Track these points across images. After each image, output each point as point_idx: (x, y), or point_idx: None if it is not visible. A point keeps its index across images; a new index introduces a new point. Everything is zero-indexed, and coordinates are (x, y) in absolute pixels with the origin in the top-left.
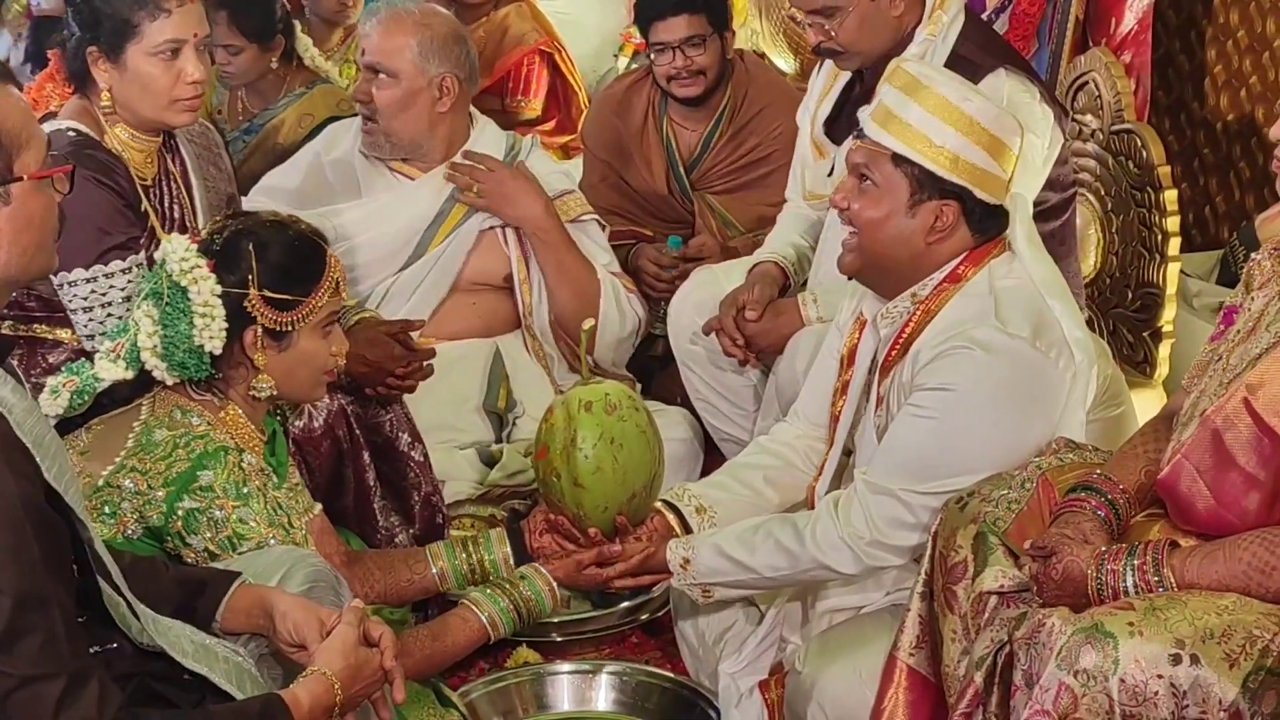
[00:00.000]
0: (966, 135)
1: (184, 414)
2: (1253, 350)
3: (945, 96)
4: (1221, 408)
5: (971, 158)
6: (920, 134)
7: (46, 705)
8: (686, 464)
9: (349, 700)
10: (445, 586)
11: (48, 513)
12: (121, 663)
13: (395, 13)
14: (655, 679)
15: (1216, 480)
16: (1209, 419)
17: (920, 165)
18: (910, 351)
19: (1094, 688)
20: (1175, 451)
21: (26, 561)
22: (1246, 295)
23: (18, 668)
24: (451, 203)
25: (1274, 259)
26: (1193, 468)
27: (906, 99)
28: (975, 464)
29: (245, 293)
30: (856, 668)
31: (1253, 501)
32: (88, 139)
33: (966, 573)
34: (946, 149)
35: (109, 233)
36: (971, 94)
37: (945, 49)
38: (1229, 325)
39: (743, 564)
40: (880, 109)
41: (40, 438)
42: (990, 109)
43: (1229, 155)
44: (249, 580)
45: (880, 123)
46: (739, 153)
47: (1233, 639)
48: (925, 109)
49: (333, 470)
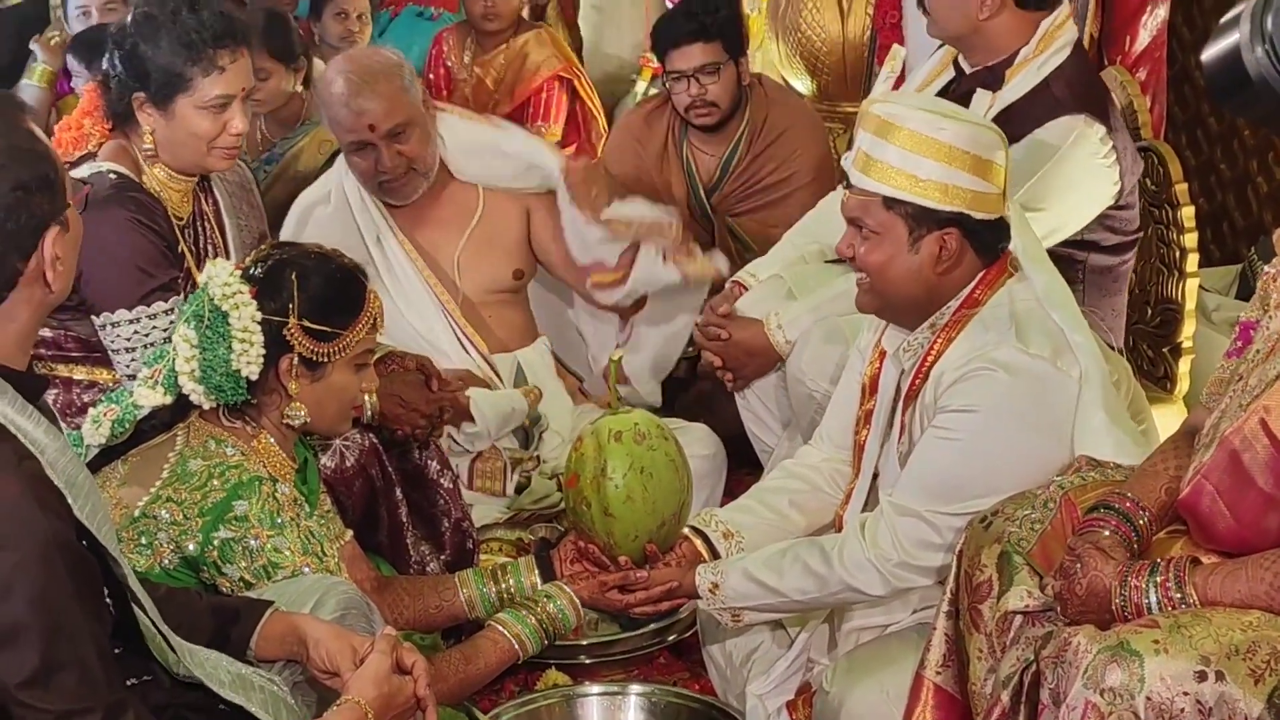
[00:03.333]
0: (949, 163)
1: (218, 444)
2: (1270, 372)
3: (918, 131)
4: (1240, 429)
5: (959, 182)
6: (903, 172)
7: None
8: (710, 479)
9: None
10: (473, 614)
11: (80, 550)
12: (158, 694)
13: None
14: (683, 699)
15: (1236, 501)
16: (1228, 440)
17: (911, 203)
18: (932, 375)
19: (1121, 706)
20: (1196, 472)
21: (59, 598)
22: (1264, 313)
23: (54, 703)
24: None
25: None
26: (1212, 488)
27: (882, 142)
28: (1000, 484)
29: (285, 321)
30: (883, 687)
31: (1272, 521)
32: (128, 181)
33: (991, 592)
34: (933, 181)
35: (151, 274)
36: (944, 121)
37: (1035, 77)
38: (1246, 342)
39: (771, 588)
40: (860, 156)
41: (73, 477)
42: (965, 130)
43: (1246, 170)
44: (282, 608)
45: (863, 170)
46: (758, 176)
47: (1258, 655)
48: (903, 147)
49: (366, 508)
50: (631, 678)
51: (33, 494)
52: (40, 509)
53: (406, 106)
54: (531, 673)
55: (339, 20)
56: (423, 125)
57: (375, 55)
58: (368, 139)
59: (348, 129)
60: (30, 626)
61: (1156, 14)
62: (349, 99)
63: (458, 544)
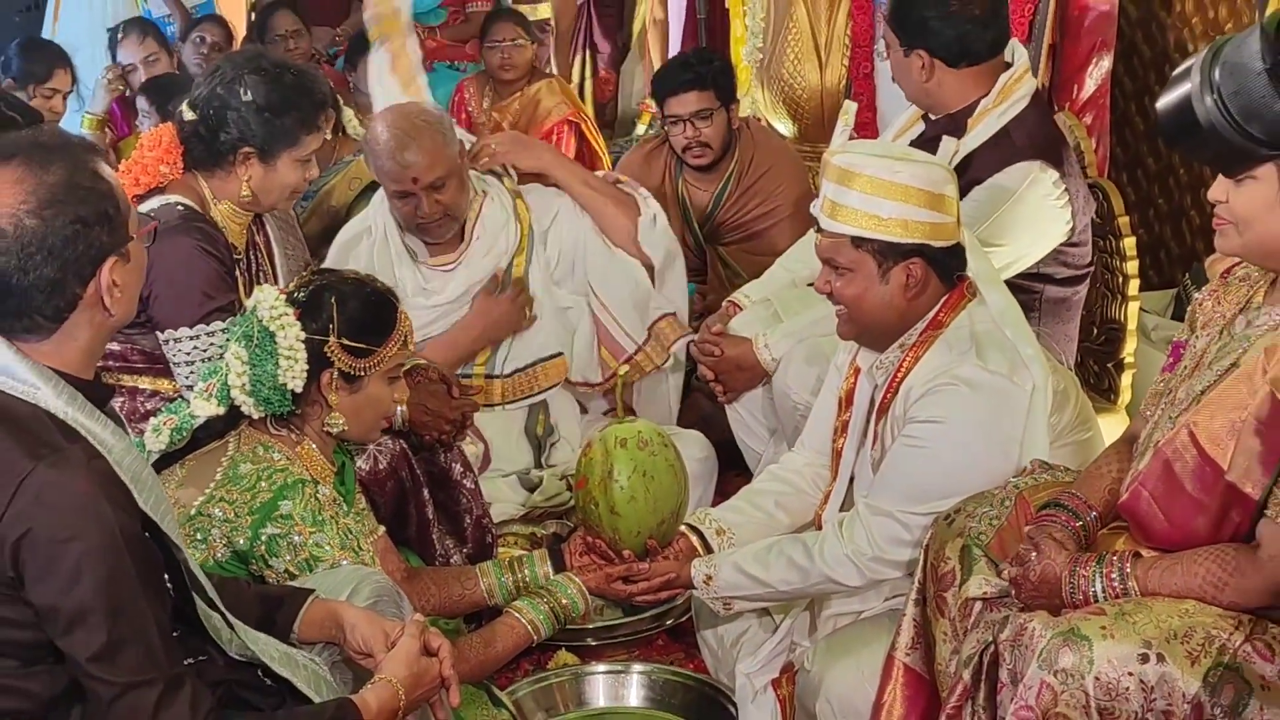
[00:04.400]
0: (905, 201)
1: (266, 449)
2: (1197, 388)
3: (875, 175)
4: (1171, 440)
5: (918, 217)
6: (866, 213)
7: (146, 708)
8: (703, 480)
9: (411, 704)
10: (492, 601)
11: (144, 540)
12: (212, 671)
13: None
14: (679, 678)
15: (1169, 505)
16: (1161, 450)
17: (877, 239)
18: (902, 390)
19: (1072, 685)
20: (1134, 479)
21: (125, 583)
22: (1191, 334)
23: (119, 676)
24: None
25: (1213, 300)
26: (1149, 494)
27: (844, 188)
28: (962, 486)
29: (325, 339)
30: (859, 666)
31: (1201, 524)
32: (194, 212)
33: (955, 581)
34: (894, 218)
35: (212, 296)
36: (897, 164)
37: (995, 124)
38: (1177, 360)
39: (759, 579)
40: (826, 203)
41: (137, 474)
42: (918, 170)
43: (1181, 205)
44: (321, 596)
45: (830, 214)
46: (746, 209)
47: (1193, 639)
48: (863, 191)
49: (397, 507)
50: (633, 658)
51: (101, 489)
52: (108, 503)
53: (446, 160)
54: (544, 653)
55: None
56: (459, 176)
57: (420, 111)
58: (410, 189)
59: (393, 179)
60: (98, 609)
61: (1101, 65)
62: (395, 153)
63: (478, 538)
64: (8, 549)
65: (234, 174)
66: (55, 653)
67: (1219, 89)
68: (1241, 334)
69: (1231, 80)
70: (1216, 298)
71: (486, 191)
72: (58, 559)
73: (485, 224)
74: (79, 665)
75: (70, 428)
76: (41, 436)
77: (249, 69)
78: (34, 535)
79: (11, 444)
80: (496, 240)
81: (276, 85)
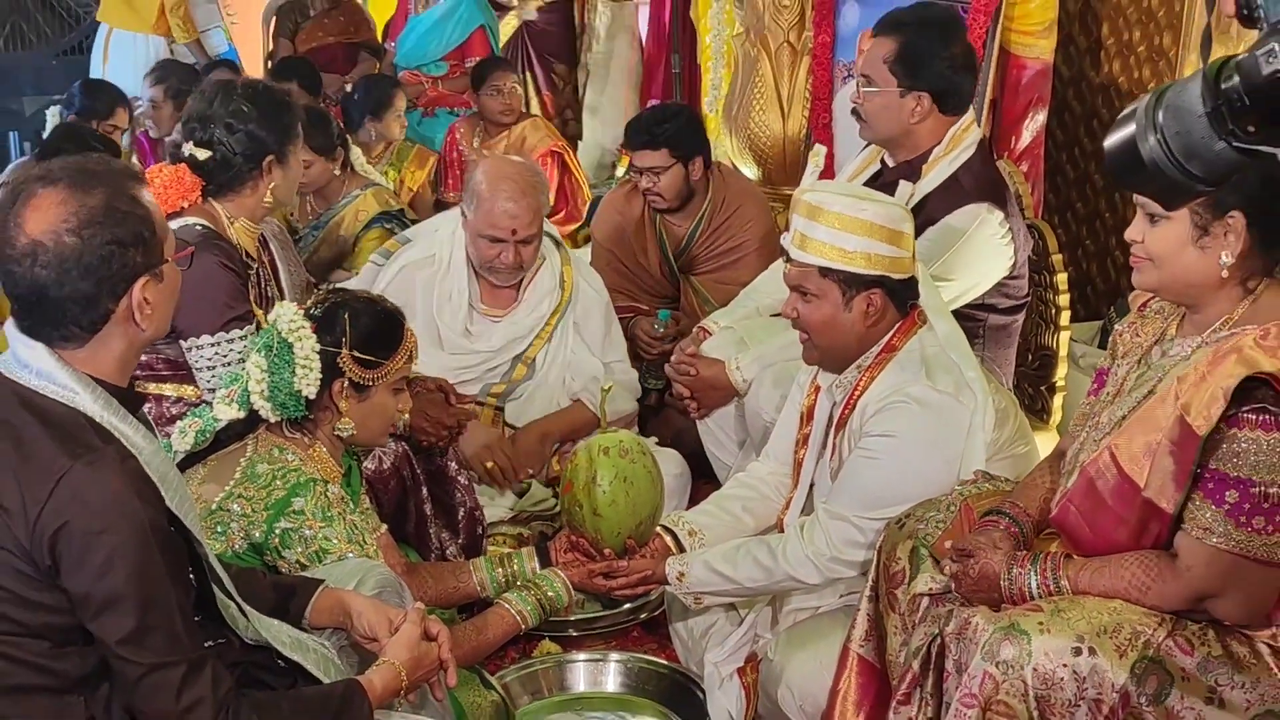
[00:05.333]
0: (869, 236)
1: (280, 451)
2: (1118, 413)
3: (842, 212)
4: (1095, 461)
5: (879, 251)
6: (833, 246)
7: (170, 687)
8: (678, 493)
9: (412, 684)
10: (484, 593)
11: (169, 534)
12: (230, 654)
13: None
14: (653, 666)
15: (1094, 520)
16: (1086, 470)
17: (842, 270)
18: (858, 406)
19: (1012, 675)
20: (1063, 495)
21: (152, 573)
22: (1113, 361)
23: (146, 657)
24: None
25: (1131, 331)
26: (1076, 509)
27: (813, 222)
28: (912, 493)
29: (338, 351)
30: (817, 656)
31: (1122, 535)
32: (213, 232)
33: (904, 579)
34: (858, 252)
35: (232, 306)
36: (863, 203)
37: (947, 170)
38: (1101, 385)
39: (728, 577)
40: (797, 235)
41: (164, 474)
42: (880, 209)
43: (1106, 245)
44: (331, 585)
45: (800, 246)
46: (717, 244)
47: (1121, 634)
48: (831, 226)
49: (398, 504)
50: (611, 648)
51: (132, 487)
52: (138, 500)
53: (540, 221)
54: (529, 642)
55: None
56: (541, 236)
57: (532, 171)
58: (506, 238)
59: (494, 226)
60: (127, 596)
61: (1037, 119)
62: (506, 204)
63: (470, 530)
64: (46, 540)
65: (259, 187)
66: (85, 635)
67: (1162, 130)
68: (1157, 364)
69: (1174, 122)
70: (1135, 329)
71: (546, 258)
72: (92, 550)
73: (536, 286)
74: (109, 647)
75: (105, 430)
76: (78, 438)
77: (231, 90)
78: (70, 528)
79: (51, 444)
80: (540, 303)
81: (262, 94)
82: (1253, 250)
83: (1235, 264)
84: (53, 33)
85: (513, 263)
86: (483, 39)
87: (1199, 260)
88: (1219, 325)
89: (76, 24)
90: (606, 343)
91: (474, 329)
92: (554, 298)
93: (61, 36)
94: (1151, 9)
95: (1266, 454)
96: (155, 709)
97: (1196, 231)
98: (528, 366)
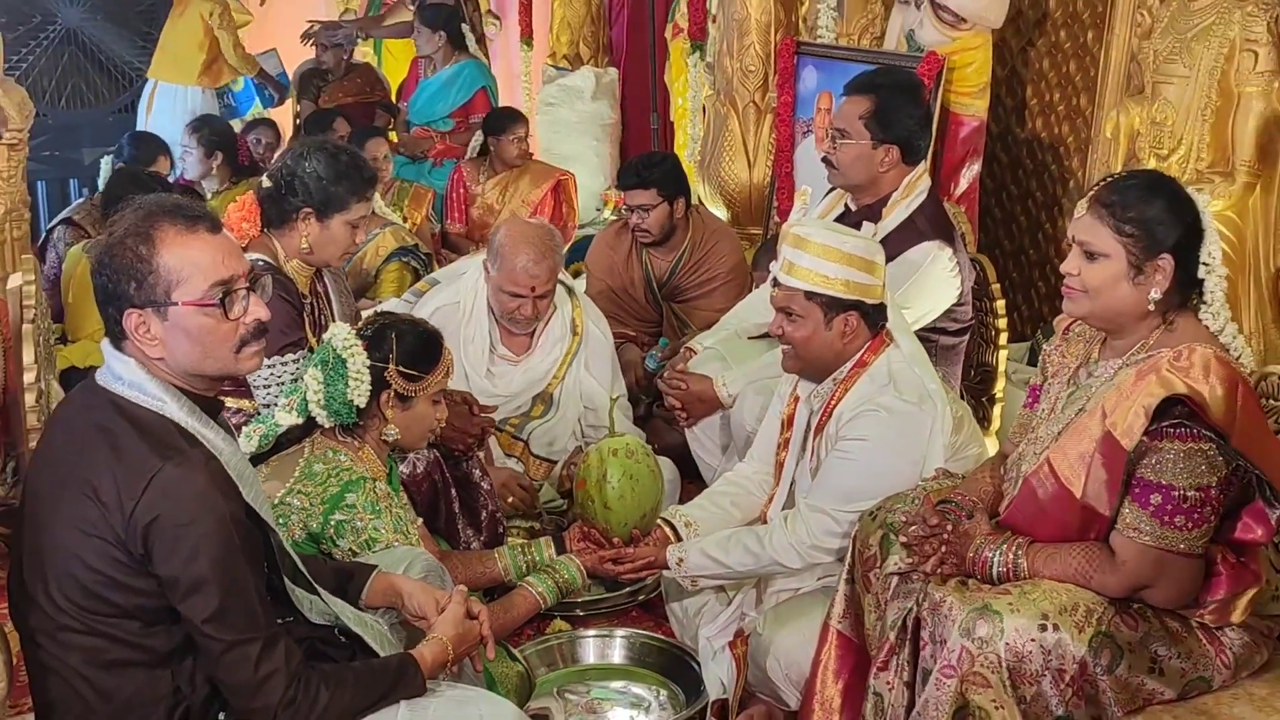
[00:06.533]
0: (848, 265)
1: (334, 453)
2: (1053, 429)
3: (826, 244)
4: (1036, 472)
5: (857, 279)
6: (817, 273)
7: (249, 659)
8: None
9: (457, 657)
10: (508, 578)
11: (247, 525)
12: (298, 630)
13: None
14: (653, 641)
15: (1035, 524)
16: (1028, 480)
17: (825, 294)
18: (834, 414)
19: (987, 650)
20: (1009, 502)
21: (232, 560)
22: (1044, 379)
23: (227, 634)
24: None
25: (1059, 353)
26: (1021, 516)
27: (800, 251)
28: (883, 490)
29: (385, 366)
30: (801, 631)
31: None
32: (271, 265)
33: (877, 563)
34: (839, 279)
35: (285, 333)
36: (843, 237)
37: (904, 213)
38: (1035, 399)
39: (721, 562)
40: (785, 263)
41: (241, 472)
42: (859, 243)
43: (1030, 277)
44: (383, 570)
45: (787, 272)
46: (696, 275)
47: (1079, 611)
48: (815, 255)
49: (430, 503)
50: (615, 625)
51: (215, 484)
52: (220, 495)
53: (557, 276)
54: (543, 621)
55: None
56: (555, 289)
57: (547, 234)
58: (525, 294)
59: (516, 282)
60: (211, 580)
61: (972, 169)
62: (528, 264)
63: (492, 529)
64: (139, 532)
65: (296, 229)
66: (173, 615)
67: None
68: (1085, 383)
69: None
70: (1061, 351)
71: (557, 307)
72: (180, 540)
73: (549, 333)
74: (194, 625)
75: (190, 434)
76: (168, 441)
77: (316, 148)
78: (161, 521)
79: (144, 447)
80: (554, 349)
81: (334, 161)
82: (1174, 287)
83: (1161, 298)
84: (108, 92)
85: (531, 314)
86: (484, 99)
87: (1131, 294)
88: (1136, 349)
89: (129, 85)
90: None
91: (495, 370)
92: (566, 342)
93: (115, 96)
94: (1069, 74)
95: (1184, 463)
96: (236, 680)
97: (1131, 270)
98: (545, 404)
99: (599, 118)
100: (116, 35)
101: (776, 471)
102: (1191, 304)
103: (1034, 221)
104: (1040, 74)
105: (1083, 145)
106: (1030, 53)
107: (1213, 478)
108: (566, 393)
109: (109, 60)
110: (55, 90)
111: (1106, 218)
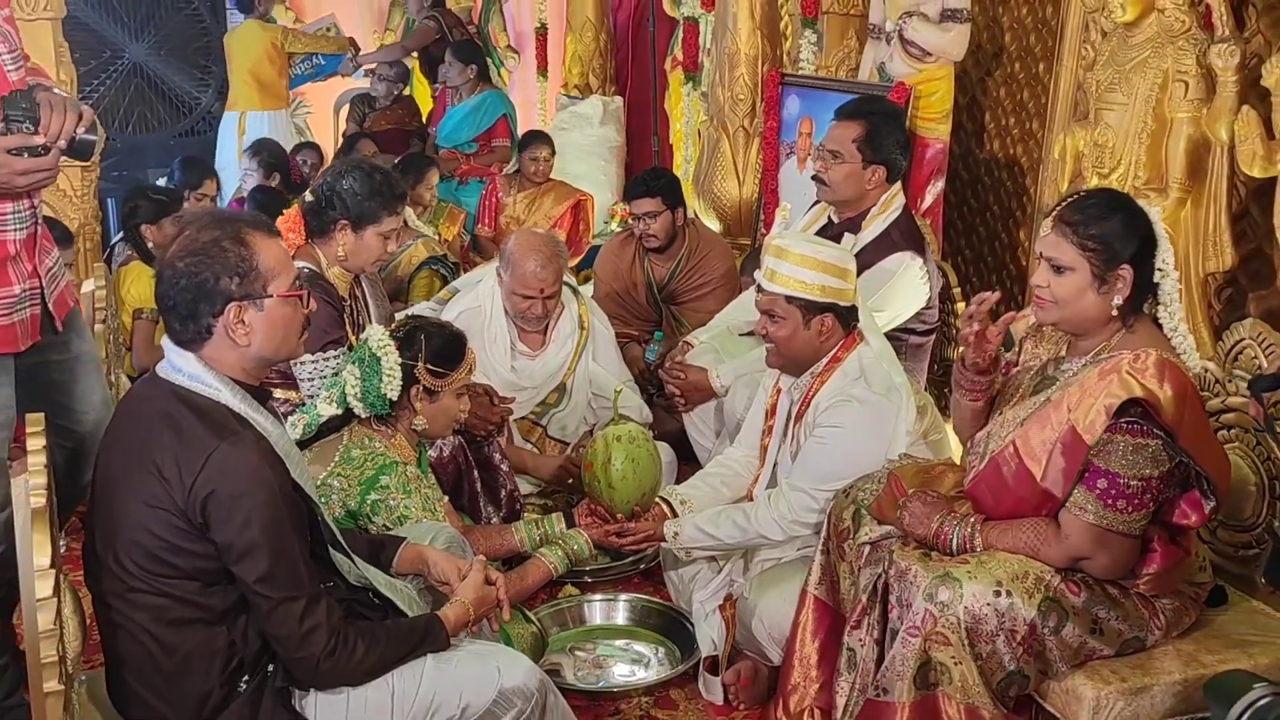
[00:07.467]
0: (824, 273)
1: (370, 440)
2: (1021, 415)
3: (803, 253)
4: (1002, 451)
5: (832, 284)
6: (796, 279)
7: (295, 615)
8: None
9: (477, 619)
10: (523, 549)
11: (294, 498)
12: (337, 593)
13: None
14: (653, 604)
15: (999, 498)
16: (995, 458)
17: (803, 298)
18: (812, 404)
19: (948, 613)
20: (975, 475)
21: (280, 527)
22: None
23: (276, 593)
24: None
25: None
26: (986, 488)
27: (781, 260)
28: (855, 471)
29: (415, 364)
30: (783, 596)
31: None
32: (315, 273)
33: (849, 535)
34: (815, 284)
35: (328, 333)
36: (819, 247)
37: (881, 226)
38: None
39: (712, 535)
40: (767, 270)
41: (288, 452)
42: (833, 253)
43: (989, 283)
44: (411, 541)
45: (769, 279)
46: (692, 281)
47: (1029, 579)
48: (793, 264)
49: (454, 483)
50: (619, 590)
51: (265, 461)
52: (270, 471)
53: (562, 278)
54: (555, 587)
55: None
56: (561, 289)
57: (553, 242)
58: (536, 296)
59: (526, 285)
60: (262, 545)
61: (937, 186)
62: (538, 269)
63: (510, 506)
64: (199, 503)
65: (333, 239)
66: (228, 576)
67: None
68: (1052, 376)
69: None
70: (1035, 341)
71: (564, 305)
72: (235, 510)
73: (559, 330)
74: (247, 585)
75: (243, 418)
76: (223, 424)
77: (353, 166)
78: (218, 494)
79: (202, 429)
80: (565, 343)
81: (369, 179)
82: (1133, 293)
83: (1122, 304)
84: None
85: (541, 313)
86: (504, 125)
87: (1096, 302)
88: (1099, 350)
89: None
90: (619, 369)
91: (517, 366)
92: (575, 337)
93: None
94: (1023, 101)
95: (1132, 455)
96: (283, 633)
97: (1095, 280)
98: (559, 393)
99: (606, 141)
100: (177, 68)
101: (761, 455)
102: (1149, 308)
103: (992, 232)
104: (997, 101)
105: (1035, 165)
106: (988, 82)
107: (1155, 470)
108: (578, 382)
109: (170, 90)
110: (123, 117)
111: (1070, 235)
